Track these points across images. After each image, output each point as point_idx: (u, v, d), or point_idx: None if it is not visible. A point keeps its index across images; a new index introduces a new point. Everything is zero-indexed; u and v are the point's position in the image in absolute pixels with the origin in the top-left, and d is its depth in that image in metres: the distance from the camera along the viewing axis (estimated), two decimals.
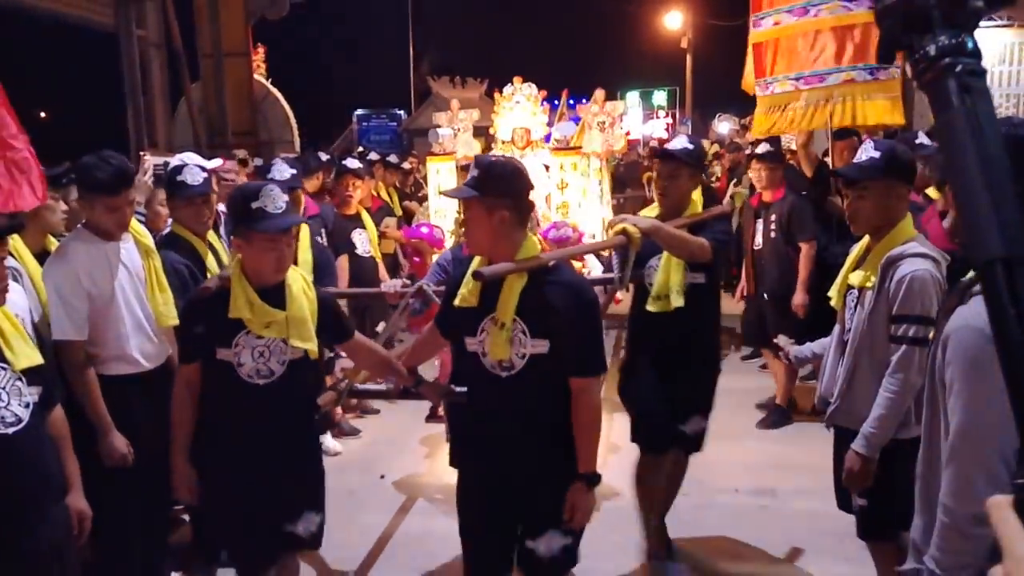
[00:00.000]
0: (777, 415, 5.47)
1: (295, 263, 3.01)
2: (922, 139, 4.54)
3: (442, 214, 5.82)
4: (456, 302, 2.55)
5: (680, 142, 3.55)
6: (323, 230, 5.11)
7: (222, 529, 2.77)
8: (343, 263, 5.23)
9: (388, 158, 7.37)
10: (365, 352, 2.92)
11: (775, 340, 3.41)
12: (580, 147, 5.98)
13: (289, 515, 2.73)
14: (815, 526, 3.84)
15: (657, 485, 3.65)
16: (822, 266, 5.03)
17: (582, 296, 2.51)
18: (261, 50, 11.78)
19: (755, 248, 5.51)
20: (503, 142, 5.81)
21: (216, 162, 4.67)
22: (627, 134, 18.30)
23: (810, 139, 5.72)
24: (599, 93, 6.12)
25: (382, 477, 4.77)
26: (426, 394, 2.96)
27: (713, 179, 10.42)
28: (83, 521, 2.52)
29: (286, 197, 2.67)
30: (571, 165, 5.85)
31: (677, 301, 3.32)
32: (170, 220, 3.93)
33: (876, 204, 2.65)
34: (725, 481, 4.50)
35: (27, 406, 2.30)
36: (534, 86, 5.88)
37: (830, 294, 2.88)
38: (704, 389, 3.56)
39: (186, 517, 3.92)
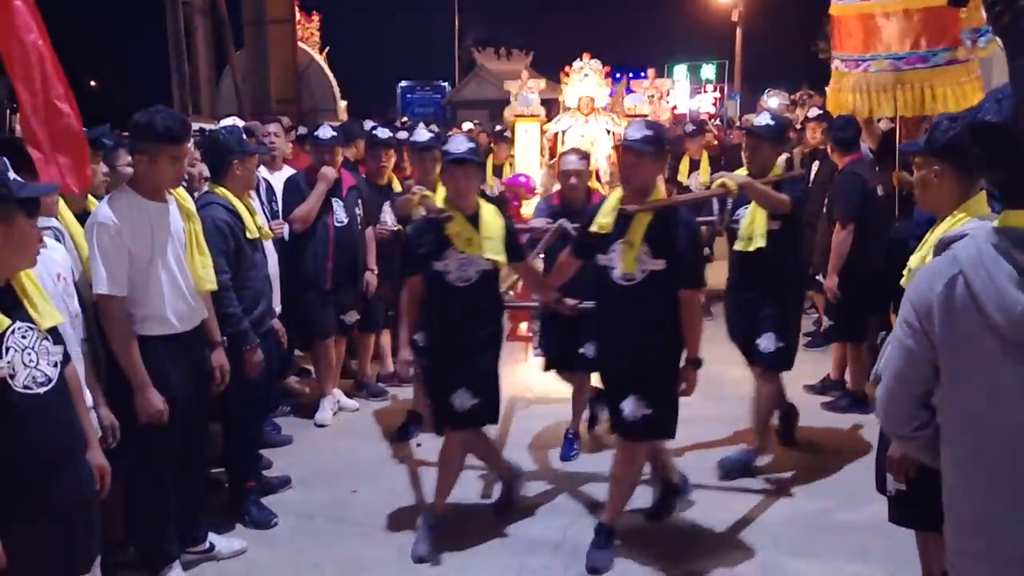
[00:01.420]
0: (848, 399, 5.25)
1: None
2: None
3: (527, 167, 6.97)
4: (594, 228, 3.45)
5: (763, 119, 4.44)
6: (359, 201, 5.14)
7: (431, 392, 3.67)
8: (370, 234, 5.25)
9: (430, 127, 7.31)
10: (527, 271, 3.98)
11: None
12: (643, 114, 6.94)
13: (468, 382, 3.54)
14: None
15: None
16: (885, 243, 4.85)
17: (692, 229, 3.44)
18: (316, 18, 11.72)
19: None
20: (570, 108, 6.69)
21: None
22: (673, 108, 18.06)
23: (870, 120, 5.53)
24: (651, 72, 7.67)
25: (419, 445, 4.77)
26: (562, 308, 3.89)
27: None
28: (104, 476, 2.55)
29: (468, 143, 3.61)
30: None
31: (759, 243, 4.13)
32: (206, 183, 3.98)
33: (920, 181, 2.54)
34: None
35: (55, 365, 2.32)
36: (599, 61, 6.78)
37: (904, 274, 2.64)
38: (783, 313, 4.24)
39: (223, 479, 3.98)
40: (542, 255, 4.58)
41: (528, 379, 5.68)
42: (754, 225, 4.18)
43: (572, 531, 3.74)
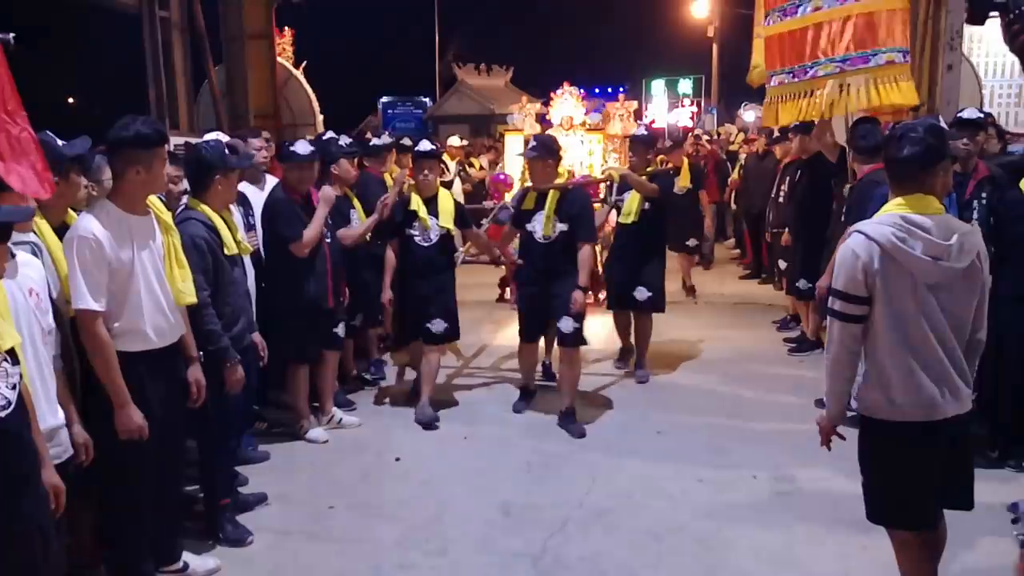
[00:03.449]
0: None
1: None
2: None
3: (513, 169, 8.60)
4: (523, 206, 5.33)
5: (640, 130, 6.65)
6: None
7: (400, 318, 5.59)
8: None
9: (402, 141, 7.47)
10: (476, 237, 5.81)
11: None
12: (604, 130, 8.64)
13: (430, 318, 5.30)
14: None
15: (624, 331, 6.49)
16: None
17: (585, 202, 5.32)
18: (288, 33, 11.75)
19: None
20: (556, 125, 8.50)
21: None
22: (652, 122, 18.04)
23: (826, 129, 5.82)
24: (621, 96, 9.12)
25: (397, 460, 4.76)
26: (506, 262, 6.11)
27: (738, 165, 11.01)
28: (59, 496, 2.51)
29: (426, 143, 5.57)
30: (597, 140, 8.61)
31: (634, 217, 6.02)
32: (184, 197, 3.97)
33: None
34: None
35: (13, 387, 2.29)
36: (576, 88, 8.64)
37: None
38: (652, 271, 6.07)
39: (198, 496, 3.95)
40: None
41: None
42: (632, 204, 6.01)
43: (553, 542, 3.76)
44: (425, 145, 5.56)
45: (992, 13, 5.03)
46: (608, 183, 6.40)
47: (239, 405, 3.88)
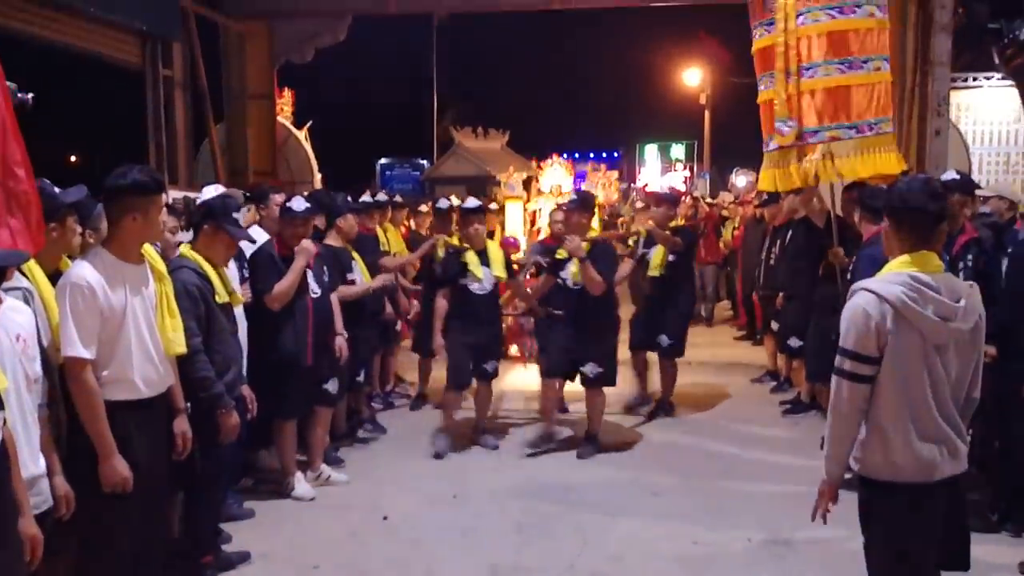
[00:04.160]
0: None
1: None
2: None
3: (513, 232, 9.39)
4: (557, 256, 5.71)
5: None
6: (324, 267, 5.18)
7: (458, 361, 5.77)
8: (335, 297, 5.32)
9: (395, 199, 7.67)
10: (517, 286, 6.20)
11: None
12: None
13: (488, 359, 5.85)
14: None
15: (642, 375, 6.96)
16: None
17: (610, 252, 5.78)
18: (288, 93, 12.00)
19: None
20: (543, 192, 9.48)
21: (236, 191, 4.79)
22: (644, 186, 18.40)
23: (812, 196, 5.96)
24: (603, 166, 10.45)
25: (384, 518, 4.67)
26: (536, 311, 6.24)
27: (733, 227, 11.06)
28: (35, 547, 2.43)
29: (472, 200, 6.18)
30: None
31: (660, 271, 6.59)
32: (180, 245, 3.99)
33: (884, 236, 2.78)
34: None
35: None
36: (562, 158, 9.55)
37: None
38: (675, 320, 6.62)
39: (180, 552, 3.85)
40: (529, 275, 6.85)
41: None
42: (657, 258, 6.49)
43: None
44: (472, 202, 6.04)
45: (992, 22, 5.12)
46: (636, 238, 7.02)
47: (225, 458, 3.82)
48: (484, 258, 5.77)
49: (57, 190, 3.09)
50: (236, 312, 4.13)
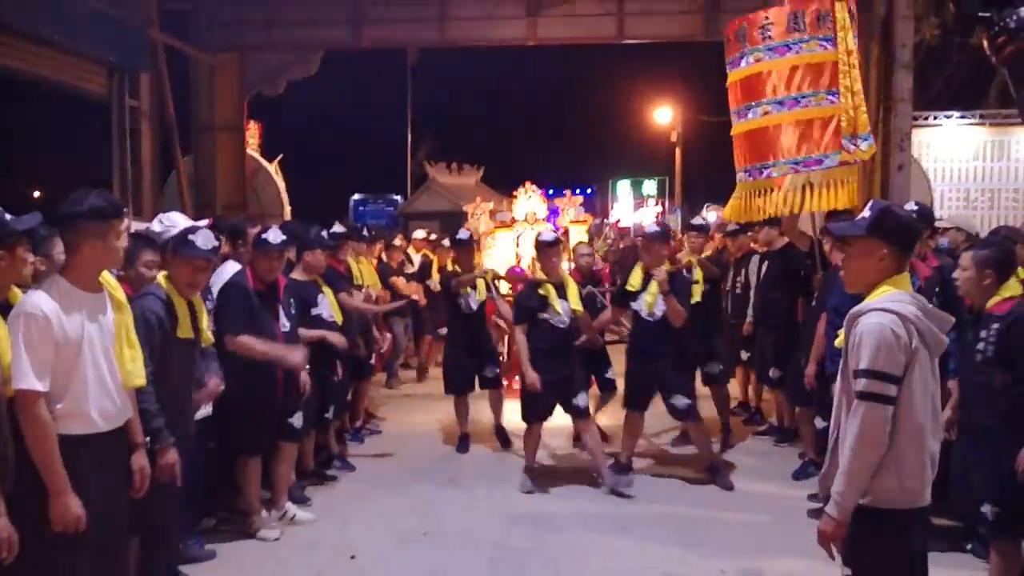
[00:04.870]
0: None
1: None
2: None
3: (505, 262, 9.20)
4: (628, 287, 5.65)
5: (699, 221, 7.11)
6: (291, 300, 5.04)
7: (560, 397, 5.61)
8: (303, 332, 5.20)
9: (363, 232, 7.56)
10: (585, 318, 5.84)
11: None
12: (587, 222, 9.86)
13: (575, 393, 5.59)
14: None
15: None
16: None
17: (685, 283, 5.76)
18: (256, 127, 11.95)
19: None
20: (518, 220, 9.45)
21: (203, 222, 4.65)
22: (617, 222, 18.42)
23: (795, 223, 6.04)
24: (567, 193, 10.27)
25: (352, 558, 4.52)
26: (596, 343, 6.24)
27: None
28: None
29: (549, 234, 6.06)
30: (584, 230, 9.66)
31: (699, 298, 6.10)
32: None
33: (857, 263, 2.68)
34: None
35: None
36: (536, 187, 9.61)
37: None
38: (718, 345, 6.71)
39: None
40: None
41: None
42: (697, 287, 6.13)
43: None
44: (549, 236, 5.94)
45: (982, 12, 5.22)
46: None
47: (181, 498, 3.66)
48: (561, 291, 5.64)
49: (9, 217, 2.97)
50: (204, 350, 4.01)
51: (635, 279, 5.63)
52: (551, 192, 10.32)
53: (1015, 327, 3.51)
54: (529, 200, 9.58)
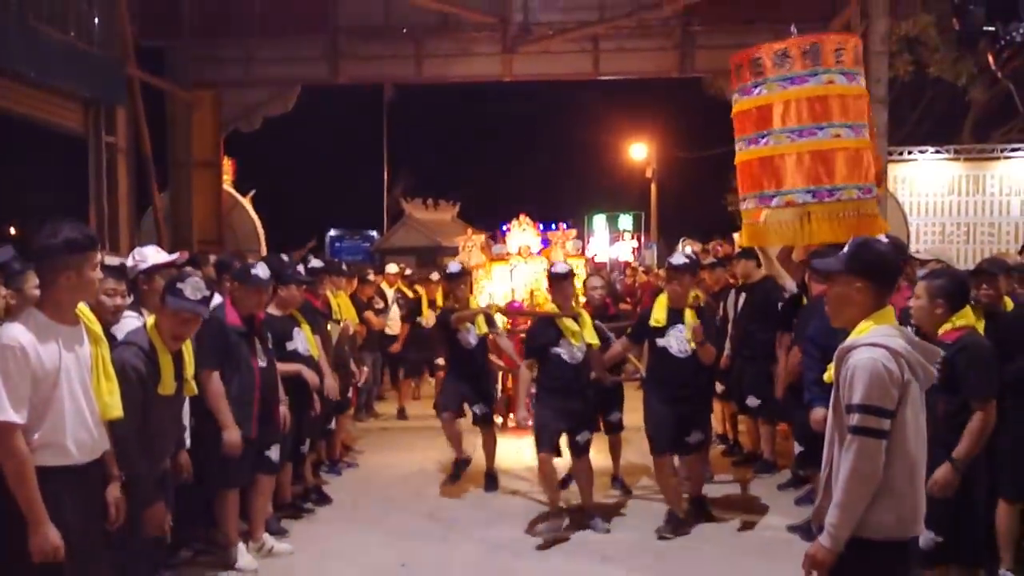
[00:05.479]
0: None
1: None
2: None
3: (501, 295, 9.00)
4: (652, 323, 5.30)
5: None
6: (268, 334, 5.04)
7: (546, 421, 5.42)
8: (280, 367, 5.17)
9: (341, 267, 7.67)
10: (595, 353, 5.55)
11: None
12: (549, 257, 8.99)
13: (581, 431, 5.44)
14: None
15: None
16: None
17: (714, 320, 5.82)
18: (229, 163, 12.00)
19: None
20: (511, 254, 9.15)
21: (177, 255, 4.67)
22: (593, 257, 18.71)
23: (789, 254, 6.13)
24: (562, 226, 9.87)
25: None
26: (605, 379, 5.83)
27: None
28: None
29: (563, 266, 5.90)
30: (581, 264, 9.21)
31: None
32: (126, 313, 3.85)
33: (837, 297, 2.72)
34: None
35: None
36: (529, 219, 9.29)
37: None
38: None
39: None
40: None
41: None
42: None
43: None
44: (562, 268, 5.83)
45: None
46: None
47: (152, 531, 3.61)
48: (577, 324, 5.45)
49: None
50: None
51: (659, 314, 5.27)
52: (542, 227, 10.03)
53: (960, 355, 3.61)
54: (523, 232, 9.38)
